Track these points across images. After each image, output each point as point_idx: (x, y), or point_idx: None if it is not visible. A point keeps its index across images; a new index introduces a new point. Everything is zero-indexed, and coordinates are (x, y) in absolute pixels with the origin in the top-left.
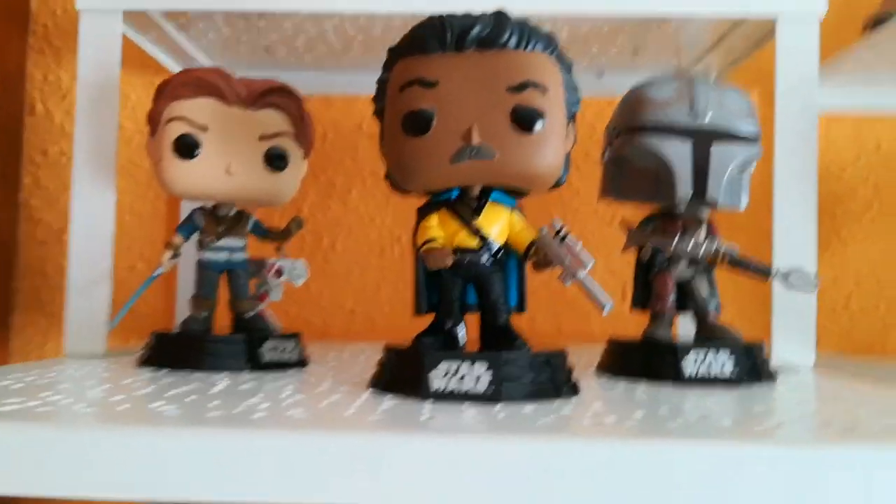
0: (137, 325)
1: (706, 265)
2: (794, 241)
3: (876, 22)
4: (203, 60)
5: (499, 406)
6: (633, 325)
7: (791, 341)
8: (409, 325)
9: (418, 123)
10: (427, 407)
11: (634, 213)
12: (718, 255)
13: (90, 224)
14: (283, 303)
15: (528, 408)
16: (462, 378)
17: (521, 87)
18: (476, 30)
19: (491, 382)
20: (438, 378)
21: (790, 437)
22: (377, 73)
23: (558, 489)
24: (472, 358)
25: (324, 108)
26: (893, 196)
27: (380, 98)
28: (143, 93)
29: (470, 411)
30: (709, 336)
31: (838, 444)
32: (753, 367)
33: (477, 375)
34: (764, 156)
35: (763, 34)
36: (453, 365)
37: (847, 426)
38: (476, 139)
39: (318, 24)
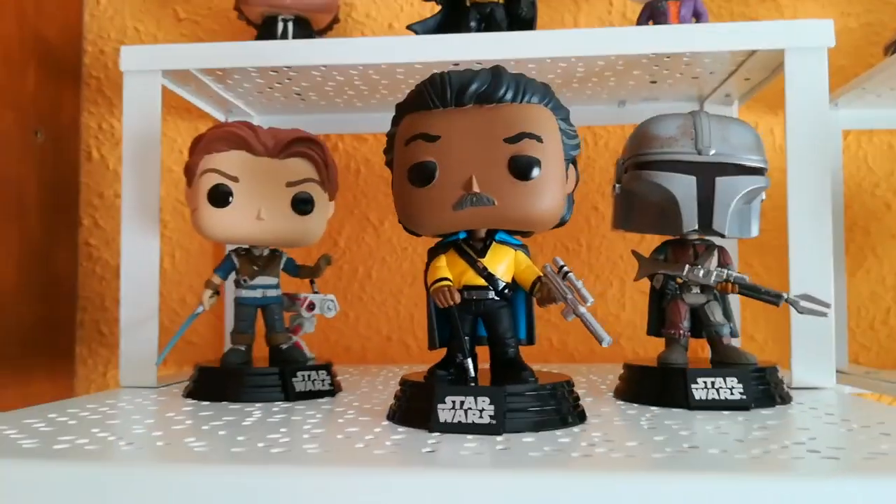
0: (191, 354)
1: (718, 291)
2: (810, 264)
3: None
4: (241, 107)
5: (501, 438)
6: (642, 350)
7: (811, 362)
8: (442, 351)
9: (423, 175)
10: (432, 439)
11: (651, 240)
12: (729, 282)
13: (138, 264)
14: (324, 330)
15: (529, 439)
16: (466, 411)
17: (517, 138)
18: (474, 86)
19: (493, 415)
20: (445, 411)
21: (764, 466)
22: None
23: None
24: (475, 392)
25: (357, 146)
26: None
27: (389, 150)
28: (189, 137)
29: (471, 444)
30: (722, 360)
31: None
32: (766, 391)
33: (480, 408)
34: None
35: (777, 64)
36: (458, 399)
37: (832, 454)
38: (476, 188)
39: (344, 73)
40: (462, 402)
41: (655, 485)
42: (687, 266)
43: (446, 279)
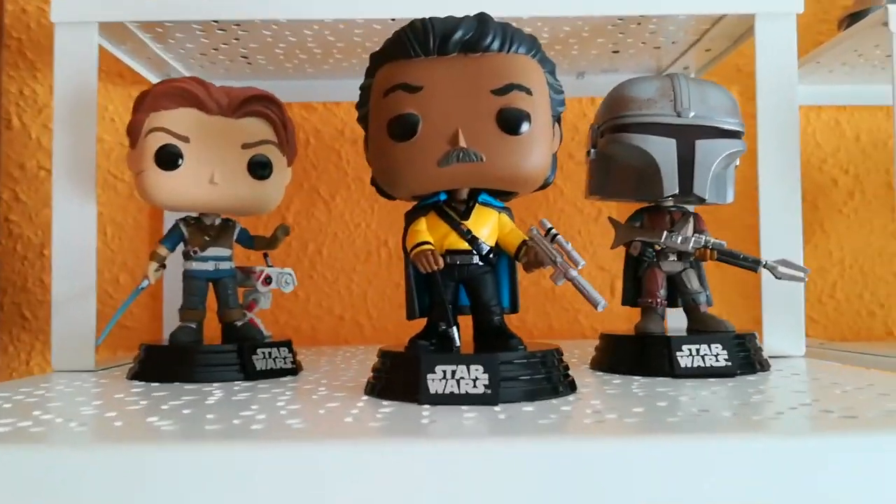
0: (125, 338)
1: (695, 259)
2: (780, 233)
3: (851, 18)
4: (181, 70)
5: (498, 408)
6: (622, 320)
7: (781, 331)
8: (397, 330)
9: (404, 128)
10: (426, 411)
11: (620, 209)
12: (707, 248)
13: (72, 238)
14: (272, 310)
15: (528, 408)
16: (459, 381)
17: (506, 89)
18: (459, 33)
19: (488, 384)
20: (435, 381)
21: (792, 426)
22: (358, 79)
23: (564, 489)
24: (468, 360)
25: (305, 115)
26: (873, 186)
27: (363, 104)
28: (121, 104)
29: (470, 414)
30: (701, 328)
31: (841, 432)
32: (747, 357)
33: (474, 378)
34: (747, 151)
35: (741, 32)
36: (449, 368)
37: (847, 413)
38: (462, 142)
39: (297, 32)
40: (454, 372)
41: (692, 448)
42: (665, 232)
43: (427, 243)
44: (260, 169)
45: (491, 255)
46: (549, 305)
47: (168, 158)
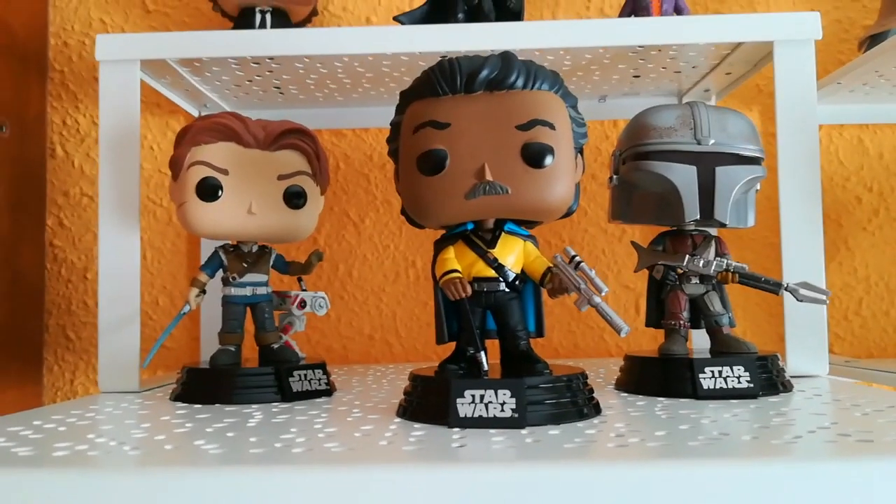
0: (165, 358)
1: (717, 282)
2: (801, 253)
3: (872, 40)
4: (216, 100)
5: (525, 431)
6: (647, 339)
7: (805, 351)
8: (425, 349)
9: (433, 163)
10: (456, 434)
11: (643, 231)
12: (729, 272)
13: (117, 265)
14: (305, 331)
15: (554, 431)
16: (487, 405)
17: (530, 125)
18: (485, 72)
19: (515, 408)
20: (465, 405)
21: (809, 452)
22: (386, 107)
23: None
24: (496, 385)
25: (335, 142)
26: None
27: (393, 139)
28: (159, 133)
29: (498, 438)
30: (723, 350)
31: (856, 457)
32: (769, 379)
33: (501, 402)
34: (768, 171)
35: (760, 56)
36: (478, 392)
37: (864, 437)
38: (489, 176)
39: (328, 64)
40: (482, 396)
41: (711, 473)
42: (687, 256)
43: (456, 271)
44: (295, 199)
45: (517, 282)
46: (574, 325)
47: (209, 191)
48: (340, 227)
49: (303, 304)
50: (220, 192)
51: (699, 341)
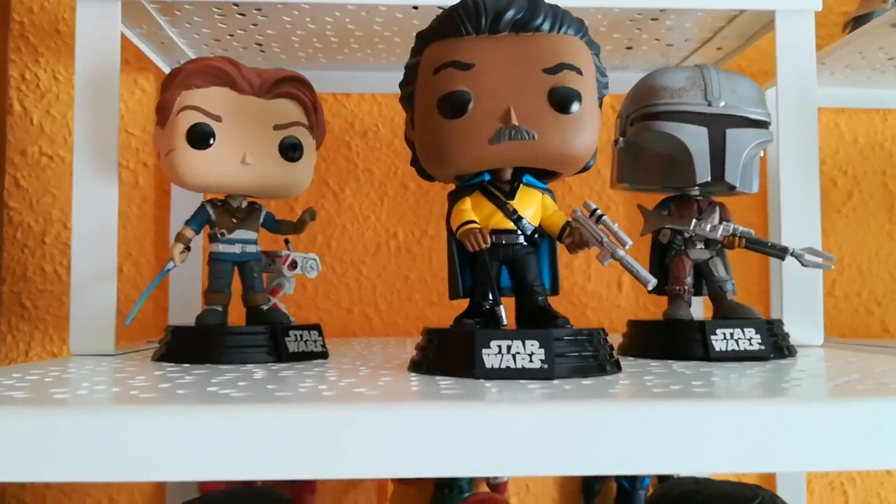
0: (127, 331)
1: (721, 247)
2: (801, 226)
3: (855, 21)
4: (191, 56)
5: (556, 382)
6: (629, 314)
7: (801, 321)
8: (406, 323)
9: (456, 105)
10: (487, 384)
11: (639, 200)
12: (736, 236)
13: (93, 219)
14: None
15: (586, 382)
16: (515, 356)
17: (557, 69)
18: (511, 13)
19: (544, 359)
20: (491, 356)
21: (856, 393)
22: (372, 71)
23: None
24: (523, 336)
25: None
26: (871, 187)
27: (408, 83)
28: (126, 91)
29: (534, 386)
30: (729, 315)
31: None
32: (776, 343)
33: (530, 353)
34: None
35: (754, 31)
36: (505, 343)
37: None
38: (515, 120)
39: (317, 19)
40: (509, 347)
41: (790, 410)
42: (694, 220)
43: (474, 222)
44: (291, 151)
45: (535, 236)
46: (556, 301)
47: (200, 137)
48: (319, 196)
49: (294, 265)
50: (212, 140)
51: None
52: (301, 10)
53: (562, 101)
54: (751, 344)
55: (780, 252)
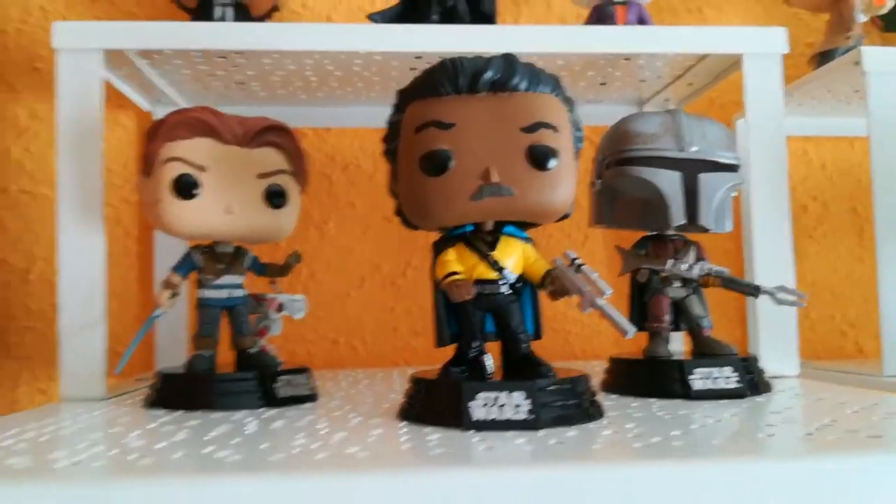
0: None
1: (698, 285)
2: (772, 260)
3: (821, 57)
4: (172, 96)
5: (542, 433)
6: (610, 343)
7: (776, 353)
8: (393, 353)
9: (437, 163)
10: (474, 438)
11: (619, 237)
12: (711, 275)
13: (80, 266)
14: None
15: (571, 433)
16: (501, 407)
17: (534, 127)
18: (489, 73)
19: (531, 409)
20: (478, 408)
21: (827, 447)
22: (349, 107)
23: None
24: (510, 387)
25: None
26: (839, 212)
27: (391, 139)
28: (106, 129)
29: (520, 441)
30: (707, 352)
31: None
32: (752, 380)
33: (516, 404)
34: None
35: (723, 69)
36: (492, 395)
37: (872, 433)
38: (495, 178)
39: (298, 61)
40: (496, 398)
41: (762, 468)
42: (670, 260)
43: (458, 273)
44: (276, 198)
45: (518, 285)
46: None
47: (185, 188)
48: (302, 230)
49: (280, 308)
50: (197, 190)
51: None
52: (281, 53)
53: (539, 158)
54: (727, 382)
55: (754, 290)
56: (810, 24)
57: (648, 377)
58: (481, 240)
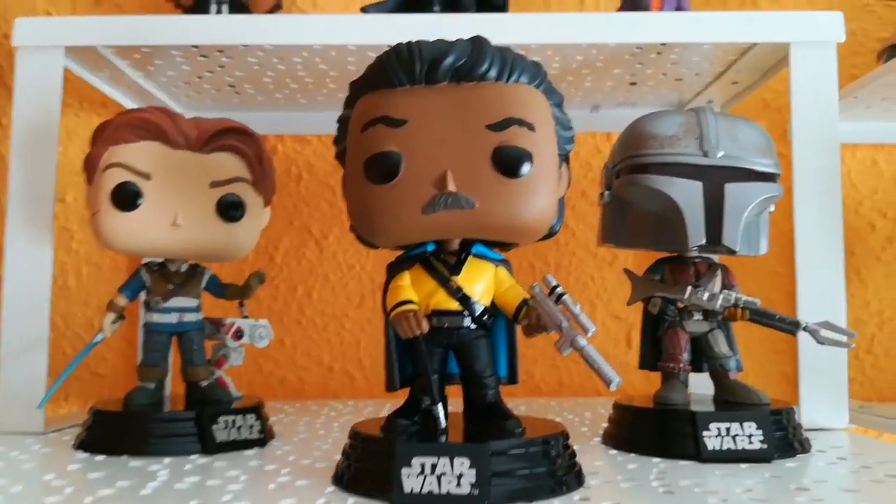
0: (97, 386)
1: (723, 318)
2: (820, 287)
3: (892, 49)
4: (164, 100)
5: None
6: (640, 377)
7: (822, 401)
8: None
9: (383, 168)
10: None
11: (637, 257)
12: (738, 307)
13: (25, 281)
14: (255, 360)
15: None
16: (440, 477)
17: (504, 124)
18: (450, 59)
19: (475, 482)
20: (412, 477)
21: None
22: None
23: None
24: (452, 452)
25: (298, 149)
26: None
27: (341, 139)
28: (85, 132)
29: None
30: (730, 399)
31: None
32: (784, 437)
33: (458, 474)
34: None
35: (771, 64)
36: (429, 461)
37: None
38: (451, 186)
39: (286, 59)
40: (434, 466)
41: None
42: (689, 288)
43: (410, 302)
44: (231, 210)
45: (485, 317)
46: (559, 358)
47: (126, 198)
48: (300, 244)
49: (239, 334)
50: (139, 200)
51: (696, 384)
52: (266, 51)
53: (508, 162)
54: (750, 441)
55: (791, 326)
56: (883, 16)
57: (655, 431)
58: (442, 262)
